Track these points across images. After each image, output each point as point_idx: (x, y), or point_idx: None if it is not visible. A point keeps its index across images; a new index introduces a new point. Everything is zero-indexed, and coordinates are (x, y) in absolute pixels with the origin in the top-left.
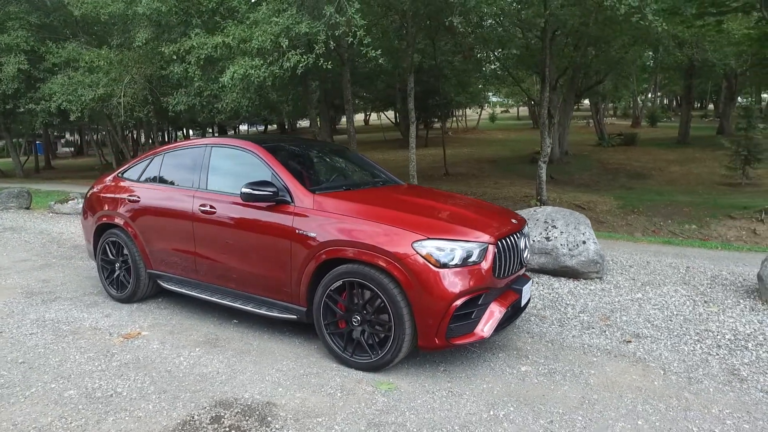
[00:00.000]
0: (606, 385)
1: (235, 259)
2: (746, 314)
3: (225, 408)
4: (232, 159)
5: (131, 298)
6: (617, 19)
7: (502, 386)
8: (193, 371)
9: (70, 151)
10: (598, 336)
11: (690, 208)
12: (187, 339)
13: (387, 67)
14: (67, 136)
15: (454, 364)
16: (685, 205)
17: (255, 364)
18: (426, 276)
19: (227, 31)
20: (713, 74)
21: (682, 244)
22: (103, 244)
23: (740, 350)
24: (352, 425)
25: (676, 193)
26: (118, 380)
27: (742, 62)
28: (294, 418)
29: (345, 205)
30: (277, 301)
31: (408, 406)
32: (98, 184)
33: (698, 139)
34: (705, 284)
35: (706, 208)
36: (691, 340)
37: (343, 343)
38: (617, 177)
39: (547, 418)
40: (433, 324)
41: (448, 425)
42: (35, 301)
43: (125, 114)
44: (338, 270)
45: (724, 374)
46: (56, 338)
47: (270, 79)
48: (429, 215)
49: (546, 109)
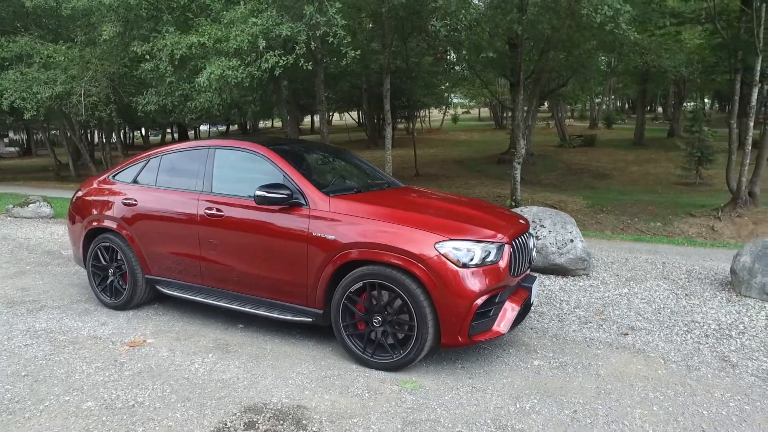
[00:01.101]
0: (615, 375)
1: (244, 262)
2: (725, 305)
3: (256, 413)
4: (238, 161)
5: (126, 305)
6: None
7: (521, 380)
8: (212, 378)
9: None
10: (597, 330)
11: (653, 207)
12: (196, 345)
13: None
14: (11, 135)
15: (470, 361)
16: (649, 204)
17: (274, 369)
18: (449, 276)
19: (202, 30)
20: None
21: (651, 241)
22: (95, 250)
23: (726, 339)
24: (387, 424)
25: (638, 193)
26: (136, 390)
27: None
28: (329, 420)
29: (362, 208)
30: (289, 304)
31: (437, 403)
32: (86, 187)
33: (652, 140)
34: (683, 278)
35: (668, 206)
36: (681, 331)
37: (362, 344)
38: (581, 177)
39: (571, 408)
40: (456, 322)
41: (480, 419)
42: (19, 311)
43: (86, 113)
44: (358, 272)
45: (717, 361)
46: (55, 349)
47: (247, 80)
48: (445, 217)
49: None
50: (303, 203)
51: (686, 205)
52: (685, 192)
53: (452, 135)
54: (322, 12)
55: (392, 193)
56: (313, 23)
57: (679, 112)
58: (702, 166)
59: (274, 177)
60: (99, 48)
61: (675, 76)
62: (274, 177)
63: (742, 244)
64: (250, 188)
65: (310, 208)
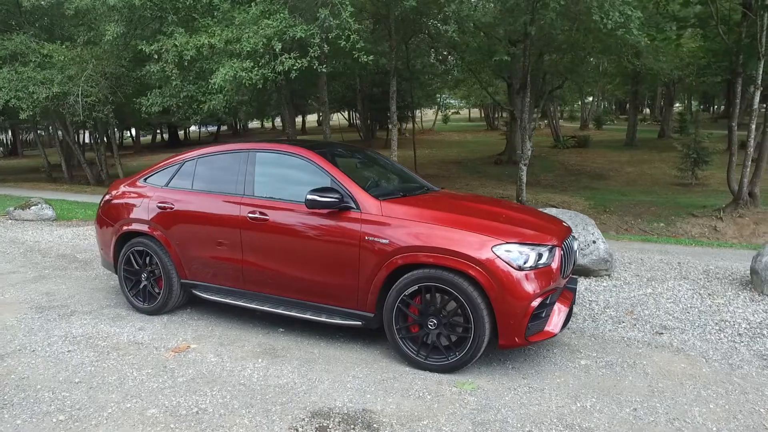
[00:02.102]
0: (663, 374)
1: (290, 266)
2: (750, 304)
3: (324, 418)
4: (281, 165)
5: (160, 310)
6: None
7: (574, 380)
8: (268, 383)
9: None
10: (632, 329)
11: (656, 208)
12: (242, 350)
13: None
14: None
15: (518, 362)
16: (650, 205)
17: (328, 373)
18: (507, 279)
19: (212, 30)
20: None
21: (659, 242)
22: (127, 254)
23: (759, 337)
24: (457, 426)
25: (637, 193)
26: (196, 396)
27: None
28: (399, 423)
29: (415, 212)
30: (338, 307)
31: (499, 403)
32: (114, 190)
33: (644, 141)
34: (702, 278)
35: (669, 207)
36: (713, 330)
37: (416, 347)
38: (580, 178)
39: (631, 407)
40: (514, 324)
41: (546, 419)
42: (51, 317)
43: (84, 113)
44: (414, 275)
45: (757, 359)
46: (99, 355)
47: (261, 82)
48: (497, 220)
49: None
50: (353, 207)
51: (686, 205)
52: (683, 192)
53: (445, 136)
54: (335, 15)
55: (438, 197)
56: (326, 26)
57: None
58: (698, 167)
59: (321, 181)
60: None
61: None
62: (320, 181)
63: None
64: (295, 192)
65: (362, 212)
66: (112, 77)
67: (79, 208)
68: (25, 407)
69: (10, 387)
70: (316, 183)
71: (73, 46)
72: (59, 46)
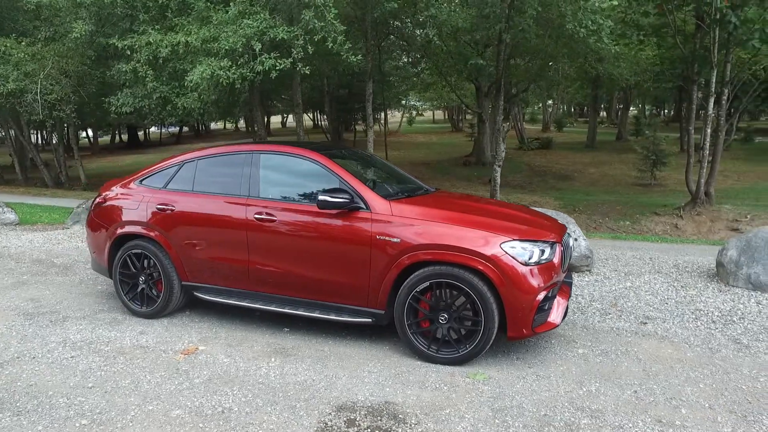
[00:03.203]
0: (653, 359)
1: (298, 266)
2: (719, 294)
3: (350, 412)
4: (287, 166)
5: (159, 313)
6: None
7: (575, 367)
8: (286, 381)
9: None
10: (618, 320)
11: (621, 207)
12: (251, 351)
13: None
14: None
15: (521, 352)
16: (615, 204)
17: (343, 369)
18: (516, 274)
19: (188, 29)
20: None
21: (628, 239)
22: (123, 257)
23: (731, 323)
24: (479, 412)
25: (601, 193)
26: (218, 396)
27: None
28: (423, 413)
29: (424, 211)
30: (347, 305)
31: (512, 391)
32: (106, 192)
33: (603, 143)
34: (673, 272)
35: (633, 206)
36: (690, 318)
37: (427, 341)
38: (546, 179)
39: (631, 389)
40: (522, 316)
41: (558, 403)
42: (42, 323)
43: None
44: (425, 272)
45: (732, 343)
46: (105, 360)
47: (239, 81)
48: (502, 219)
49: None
50: (362, 207)
51: (648, 204)
52: (643, 192)
53: (411, 137)
54: (320, 17)
55: (440, 197)
56: (310, 28)
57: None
58: (656, 168)
59: (329, 182)
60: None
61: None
62: (328, 182)
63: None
64: (303, 193)
65: (371, 212)
66: (74, 75)
67: (43, 212)
68: (42, 413)
69: (20, 394)
70: (323, 184)
71: (32, 43)
72: (15, 42)
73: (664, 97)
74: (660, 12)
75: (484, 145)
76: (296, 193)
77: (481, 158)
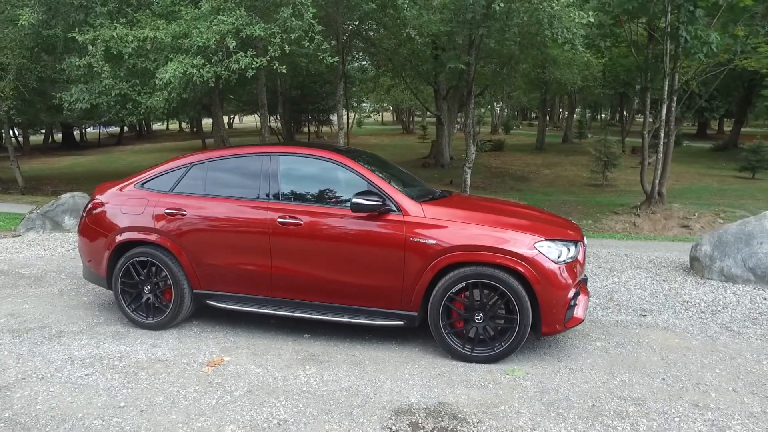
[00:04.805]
0: (666, 348)
1: (328, 270)
2: (699, 287)
3: (410, 415)
4: (310, 169)
5: (168, 324)
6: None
7: (601, 360)
8: (331, 388)
9: None
10: (620, 313)
11: (582, 207)
12: (280, 359)
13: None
14: None
15: (545, 348)
16: (576, 204)
17: (382, 373)
18: (550, 272)
19: (155, 23)
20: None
21: (596, 237)
22: (126, 266)
23: (718, 312)
24: (532, 407)
25: (560, 194)
26: (268, 408)
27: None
28: (481, 411)
29: (456, 213)
30: (379, 309)
31: (553, 384)
32: (101, 196)
33: (551, 146)
34: (652, 267)
35: (591, 206)
36: (681, 309)
37: (461, 341)
38: (504, 180)
39: (659, 377)
40: (556, 312)
41: (600, 393)
42: (35, 339)
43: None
44: (460, 273)
45: (725, 331)
46: (126, 377)
47: (212, 80)
48: (528, 219)
49: (471, 119)
50: (394, 210)
51: (605, 204)
52: (597, 192)
53: (363, 139)
54: (297, 15)
55: (463, 199)
56: (287, 26)
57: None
58: (607, 170)
59: (356, 185)
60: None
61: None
62: (355, 185)
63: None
64: (330, 196)
65: (404, 215)
66: (14, 68)
67: None
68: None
69: (45, 418)
70: (349, 187)
71: None
72: None
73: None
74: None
75: (443, 147)
76: (321, 196)
77: (440, 160)
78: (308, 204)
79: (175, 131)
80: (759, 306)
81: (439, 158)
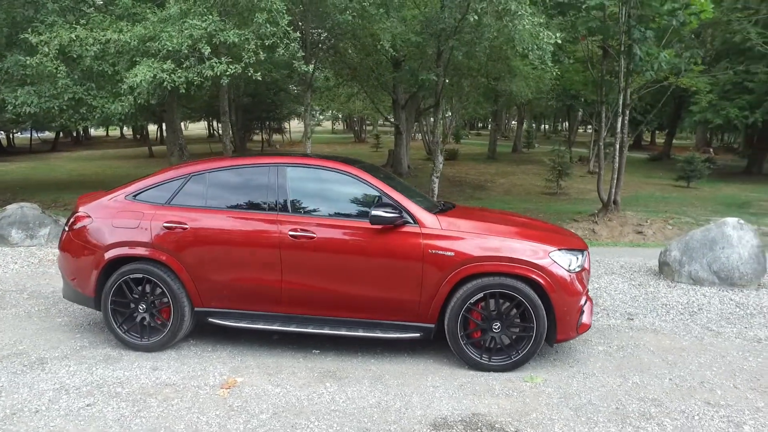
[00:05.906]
0: (662, 350)
1: (343, 284)
2: (672, 290)
3: (447, 428)
4: (318, 180)
5: (165, 345)
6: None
7: (608, 363)
8: (358, 405)
9: None
10: (610, 318)
11: (542, 214)
12: (296, 377)
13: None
14: None
15: (553, 354)
16: (536, 212)
17: (406, 386)
18: (564, 281)
19: (117, 25)
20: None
21: None
22: (118, 283)
23: (696, 313)
24: (561, 413)
25: (518, 202)
26: (302, 430)
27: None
28: (514, 419)
29: (471, 224)
30: (396, 321)
31: (573, 390)
32: (86, 207)
33: (502, 155)
34: (625, 273)
35: (550, 213)
36: (662, 312)
37: (478, 351)
38: (463, 188)
39: (666, 377)
40: (570, 320)
41: (620, 396)
42: (13, 368)
43: None
44: (478, 283)
45: (707, 331)
46: (134, 405)
47: (183, 86)
48: (539, 230)
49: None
50: (410, 222)
51: (563, 211)
52: (553, 201)
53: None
54: (273, 22)
55: (471, 211)
56: (262, 33)
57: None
58: (561, 179)
59: (371, 197)
60: None
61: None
62: (370, 197)
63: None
64: (343, 208)
65: (420, 227)
66: None
67: None
68: None
69: None
70: (364, 199)
71: None
72: None
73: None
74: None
75: (401, 155)
76: (334, 208)
77: (398, 169)
78: (320, 217)
79: (115, 137)
80: (727, 306)
81: (397, 167)
